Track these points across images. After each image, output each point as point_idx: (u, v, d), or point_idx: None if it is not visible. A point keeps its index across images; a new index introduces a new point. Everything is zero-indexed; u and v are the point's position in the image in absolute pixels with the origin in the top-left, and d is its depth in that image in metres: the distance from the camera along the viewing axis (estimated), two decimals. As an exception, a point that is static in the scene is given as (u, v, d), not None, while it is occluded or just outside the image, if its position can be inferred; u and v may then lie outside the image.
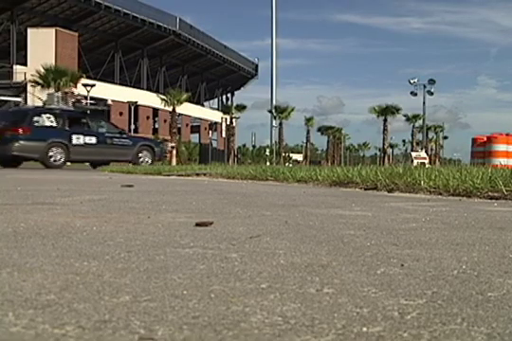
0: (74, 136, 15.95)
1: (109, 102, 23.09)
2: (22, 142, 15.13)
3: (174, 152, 46.60)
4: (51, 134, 15.65)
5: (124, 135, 17.93)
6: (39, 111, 16.48)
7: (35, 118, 15.76)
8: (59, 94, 20.41)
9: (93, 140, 16.26)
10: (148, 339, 0.95)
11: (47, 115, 15.98)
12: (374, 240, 2.17)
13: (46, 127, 15.69)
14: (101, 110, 20.25)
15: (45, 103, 19.22)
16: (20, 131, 15.16)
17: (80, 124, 16.48)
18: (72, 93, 21.34)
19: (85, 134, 16.20)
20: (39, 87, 35.14)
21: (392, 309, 1.16)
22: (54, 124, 15.86)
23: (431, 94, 50.75)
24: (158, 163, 17.40)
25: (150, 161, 17.42)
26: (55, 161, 16.18)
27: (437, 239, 2.22)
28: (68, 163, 17.08)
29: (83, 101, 21.65)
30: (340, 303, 1.20)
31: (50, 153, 15.74)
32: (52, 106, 17.40)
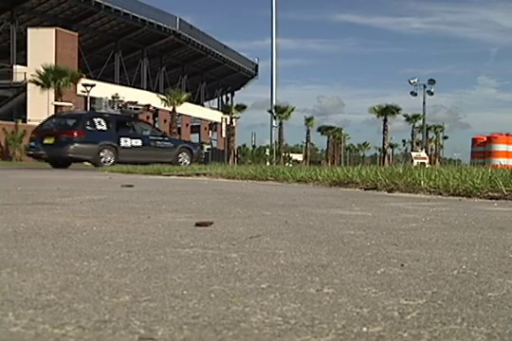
0: (122, 139, 16.96)
1: (152, 107, 24.11)
2: (76, 145, 16.08)
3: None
4: (102, 137, 16.62)
5: (166, 138, 18.98)
6: (91, 115, 17.64)
7: (88, 122, 16.77)
8: (107, 99, 21.50)
9: (139, 143, 17.23)
10: (148, 339, 0.95)
11: (98, 119, 17.00)
12: (374, 240, 2.17)
13: (98, 130, 16.66)
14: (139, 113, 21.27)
15: (93, 108, 20.21)
16: (75, 134, 16.16)
17: (126, 127, 17.53)
18: (117, 98, 22.50)
19: (132, 137, 17.23)
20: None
21: (392, 309, 1.16)
22: (104, 128, 16.84)
23: (431, 94, 50.76)
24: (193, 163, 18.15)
25: (188, 162, 18.27)
26: (105, 162, 16.97)
27: (437, 239, 2.22)
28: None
29: (130, 106, 23.04)
30: (340, 303, 1.20)
31: (101, 155, 16.63)
32: (102, 111, 18.79)
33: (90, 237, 2.16)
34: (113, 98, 21.63)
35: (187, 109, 55.94)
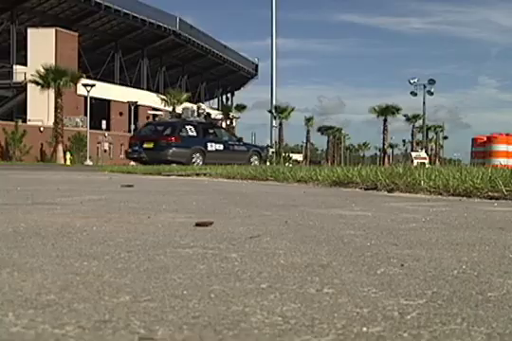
0: (208, 144, 19.18)
1: (235, 115, 27.41)
2: (174, 149, 18.22)
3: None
4: (193, 143, 18.81)
5: (241, 143, 21.30)
6: (184, 123, 19.83)
7: (182, 130, 19.05)
8: (193, 108, 24.60)
9: (221, 147, 19.46)
10: (148, 339, 0.95)
11: (189, 126, 19.30)
12: (374, 240, 2.17)
13: (189, 136, 18.93)
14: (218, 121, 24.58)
15: (179, 115, 23.08)
16: (172, 139, 18.35)
17: (211, 134, 19.79)
18: (200, 108, 25.43)
19: (216, 142, 19.47)
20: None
21: (392, 309, 1.16)
22: (194, 134, 19.11)
23: (431, 94, 50.75)
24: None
25: (258, 163, 20.13)
26: (196, 165, 18.44)
27: (437, 239, 2.22)
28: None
29: (212, 115, 26.05)
30: (340, 303, 1.20)
31: (193, 158, 18.62)
32: (191, 119, 21.03)
33: (90, 237, 2.16)
34: (197, 108, 25.20)
35: (187, 109, 55.87)
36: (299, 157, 70.84)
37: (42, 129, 44.64)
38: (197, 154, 18.74)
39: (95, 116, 46.96)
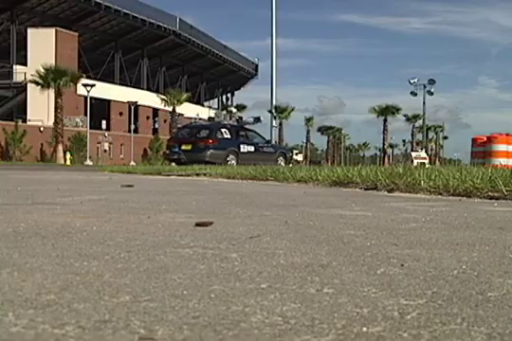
0: (241, 146, 20.25)
1: (262, 119, 28.95)
2: (212, 151, 19.22)
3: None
4: (228, 145, 19.80)
5: (269, 145, 22.54)
6: (219, 126, 20.96)
7: (218, 132, 20.06)
8: (224, 112, 25.99)
9: (252, 148, 20.49)
10: (148, 339, 0.95)
11: (224, 129, 20.34)
12: (374, 240, 2.17)
13: (225, 139, 19.92)
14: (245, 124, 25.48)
15: (212, 119, 24.58)
16: (210, 142, 19.36)
17: (242, 136, 20.95)
18: (231, 111, 27.35)
19: (247, 144, 20.56)
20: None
21: (392, 309, 1.16)
22: (229, 136, 20.14)
23: (431, 94, 50.73)
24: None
25: (283, 164, 20.79)
26: (230, 165, 19.43)
27: (437, 239, 2.22)
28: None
29: (244, 118, 28.25)
30: (340, 303, 1.20)
31: (228, 159, 19.49)
32: (225, 122, 22.47)
33: (90, 237, 2.16)
34: (230, 112, 26.95)
35: (187, 109, 55.91)
36: (299, 157, 70.84)
37: (42, 129, 44.65)
38: (231, 156, 19.66)
39: (95, 116, 46.96)
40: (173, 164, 19.28)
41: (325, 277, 1.47)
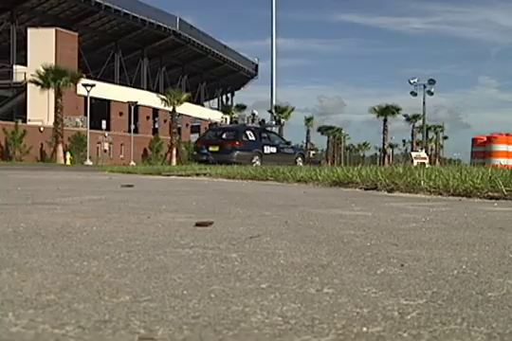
0: (265, 147, 21.04)
1: (282, 122, 30.35)
2: (238, 152, 20.07)
3: (174, 151, 46.72)
4: (253, 146, 20.71)
5: (289, 146, 23.38)
6: (244, 128, 22.16)
7: (243, 134, 21.06)
8: (248, 115, 26.80)
9: (274, 150, 21.22)
10: (148, 339, 0.95)
11: (249, 131, 21.36)
12: (374, 240, 2.17)
13: (250, 140, 20.85)
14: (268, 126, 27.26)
15: (236, 121, 25.25)
16: (237, 144, 20.31)
17: (264, 138, 21.79)
18: (254, 114, 28.22)
19: (270, 145, 21.35)
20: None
21: (392, 309, 1.16)
22: (253, 138, 21.05)
23: (431, 94, 50.73)
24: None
25: (301, 164, 21.43)
26: (255, 165, 20.42)
27: (437, 239, 2.22)
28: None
29: (266, 121, 29.60)
30: (340, 303, 1.20)
31: (253, 160, 20.22)
32: (249, 125, 23.51)
33: (90, 237, 2.16)
34: (252, 115, 27.74)
35: (187, 109, 55.91)
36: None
37: (42, 129, 44.65)
38: (256, 157, 20.48)
39: (95, 116, 46.96)
40: (174, 163, 19.62)
41: (325, 277, 1.47)
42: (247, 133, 21.13)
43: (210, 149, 20.32)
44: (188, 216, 2.98)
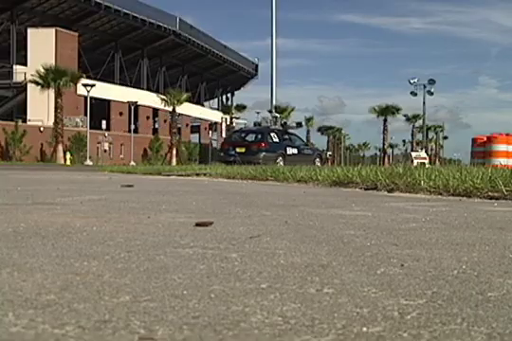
0: (287, 148, 21.73)
1: (302, 124, 31.76)
2: (264, 153, 20.72)
3: (174, 151, 46.73)
4: (277, 147, 21.37)
5: (308, 147, 24.50)
6: (269, 131, 22.80)
7: (268, 136, 21.84)
8: (270, 117, 28.73)
9: (295, 151, 21.99)
10: (148, 339, 0.95)
11: (273, 133, 22.11)
12: (374, 240, 2.17)
13: (274, 142, 21.57)
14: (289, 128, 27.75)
15: (260, 124, 26.74)
16: (263, 145, 21.11)
17: (286, 139, 22.46)
18: (276, 117, 29.86)
19: (292, 147, 22.05)
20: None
21: (392, 309, 1.16)
22: (277, 140, 21.77)
23: (431, 94, 50.68)
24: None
25: (320, 165, 22.08)
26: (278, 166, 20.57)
27: (437, 239, 2.22)
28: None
29: (288, 122, 30.57)
30: (340, 303, 1.20)
31: (277, 161, 20.80)
32: (273, 127, 24.48)
33: (90, 237, 2.16)
34: (275, 117, 29.43)
35: (187, 109, 55.90)
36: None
37: (42, 129, 44.64)
38: (280, 158, 21.17)
39: (95, 116, 46.95)
40: (174, 163, 19.64)
41: (325, 277, 1.47)
42: (272, 135, 21.98)
43: (237, 150, 21.12)
44: (188, 216, 2.98)
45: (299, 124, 31.66)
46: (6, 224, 2.53)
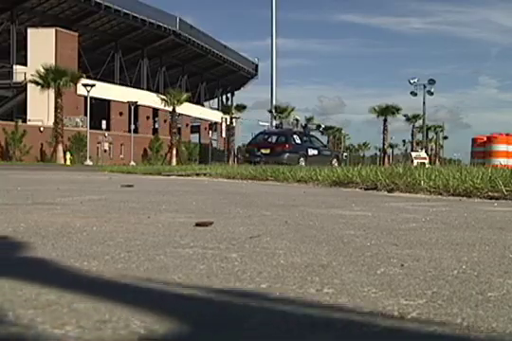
0: (309, 149, 22.85)
1: (322, 126, 32.78)
2: (288, 154, 21.76)
3: (174, 151, 46.73)
4: (300, 149, 22.46)
5: (327, 148, 25.67)
6: (292, 133, 24.12)
7: (292, 138, 22.95)
8: (291, 120, 30.42)
9: (316, 152, 23.13)
10: (148, 339, 0.95)
11: (295, 135, 23.33)
12: (374, 240, 2.17)
13: (297, 143, 22.67)
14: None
15: (281, 126, 28.11)
16: (287, 146, 22.19)
17: (307, 141, 23.69)
18: (297, 120, 31.35)
19: (312, 148, 23.20)
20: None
21: (392, 309, 1.16)
22: (299, 142, 22.90)
23: (431, 94, 50.70)
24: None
25: (337, 165, 23.08)
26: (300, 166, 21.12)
27: (437, 239, 2.22)
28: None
29: (309, 125, 32.80)
30: (340, 303, 1.20)
31: (299, 162, 21.67)
32: (295, 129, 25.88)
33: (90, 237, 2.16)
34: (296, 120, 30.77)
35: (187, 109, 55.89)
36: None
37: (42, 129, 44.63)
38: (302, 158, 22.08)
39: (95, 116, 46.94)
40: (174, 163, 19.64)
41: (325, 277, 1.47)
42: (294, 136, 23.05)
43: (262, 151, 22.18)
44: (188, 216, 2.98)
45: (318, 126, 33.32)
46: (6, 224, 2.53)
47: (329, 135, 77.71)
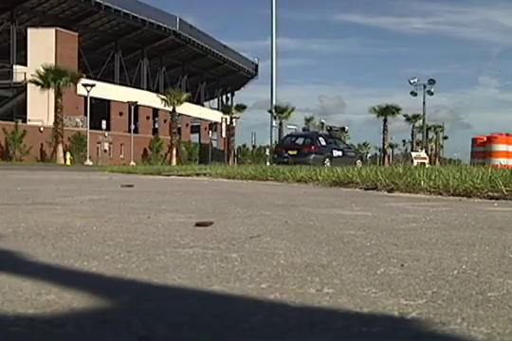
0: (334, 151, 23.80)
1: (347, 128, 34.11)
2: (314, 155, 22.75)
3: (174, 151, 46.74)
4: (325, 150, 23.41)
5: (351, 149, 26.75)
6: (317, 135, 25.45)
7: (317, 140, 23.97)
8: (317, 122, 31.15)
9: (340, 153, 23.94)
10: (148, 339, 0.95)
11: (321, 137, 24.45)
12: (374, 240, 2.17)
13: (322, 145, 23.73)
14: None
15: (308, 129, 29.16)
16: (312, 148, 23.22)
17: (332, 143, 24.67)
18: (323, 123, 32.54)
19: (337, 149, 24.09)
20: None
21: (392, 309, 1.16)
22: (324, 143, 23.92)
23: (431, 94, 50.70)
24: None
25: (360, 166, 22.92)
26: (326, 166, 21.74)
27: (437, 239, 2.22)
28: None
29: (333, 127, 33.90)
30: (340, 303, 1.20)
31: (325, 162, 22.38)
32: (321, 131, 27.26)
33: (90, 237, 2.16)
34: (321, 123, 31.92)
35: (187, 109, 55.89)
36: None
37: (42, 129, 44.63)
38: (327, 159, 22.93)
39: (95, 116, 46.94)
40: (174, 163, 19.55)
41: (325, 277, 1.47)
42: (320, 139, 24.14)
43: (289, 152, 23.18)
44: (188, 216, 2.98)
45: (342, 129, 34.62)
46: (6, 224, 2.53)
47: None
